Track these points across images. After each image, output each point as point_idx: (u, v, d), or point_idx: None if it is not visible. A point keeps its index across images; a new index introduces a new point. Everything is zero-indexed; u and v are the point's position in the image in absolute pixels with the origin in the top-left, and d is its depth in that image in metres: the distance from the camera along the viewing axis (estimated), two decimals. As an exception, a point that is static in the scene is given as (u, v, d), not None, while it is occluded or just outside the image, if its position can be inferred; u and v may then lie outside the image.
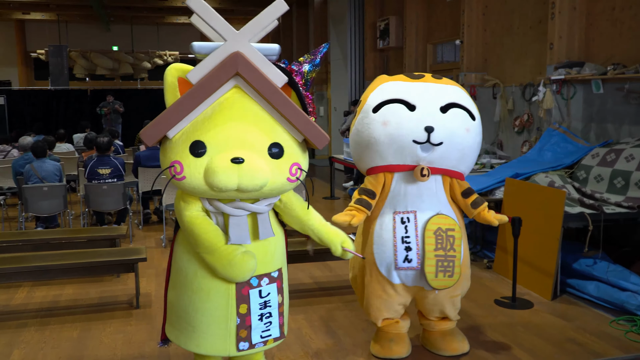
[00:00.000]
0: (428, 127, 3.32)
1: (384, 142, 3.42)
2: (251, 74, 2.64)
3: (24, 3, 17.86)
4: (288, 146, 2.72)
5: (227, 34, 2.64)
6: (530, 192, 5.31)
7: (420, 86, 3.49)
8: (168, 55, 21.19)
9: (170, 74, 2.72)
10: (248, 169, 2.57)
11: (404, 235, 3.43)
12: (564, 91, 6.57)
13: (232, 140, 2.62)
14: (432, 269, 3.39)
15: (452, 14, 9.34)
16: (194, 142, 2.62)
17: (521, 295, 4.98)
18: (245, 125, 2.67)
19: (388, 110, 3.43)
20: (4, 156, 8.78)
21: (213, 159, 2.59)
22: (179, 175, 2.63)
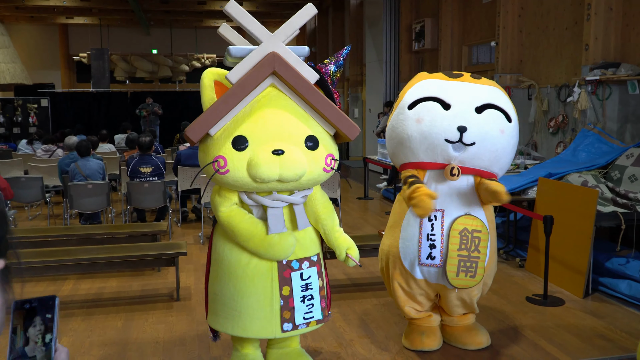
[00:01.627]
0: (461, 126, 3.35)
1: (416, 139, 3.48)
2: (287, 72, 2.84)
3: (67, 8, 18.40)
4: (322, 138, 2.92)
5: (262, 36, 2.85)
6: (563, 191, 5.34)
7: (457, 85, 3.53)
8: (206, 58, 21.55)
9: (207, 77, 2.94)
10: (289, 159, 2.76)
11: (430, 233, 3.50)
12: (599, 92, 6.57)
13: (272, 133, 2.81)
14: (454, 268, 3.45)
15: (488, 15, 9.37)
16: (236, 137, 2.81)
17: (553, 293, 5.02)
18: (283, 119, 2.86)
19: (423, 107, 3.50)
20: (49, 155, 9.12)
21: (255, 152, 2.77)
22: (223, 169, 2.80)
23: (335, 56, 3.06)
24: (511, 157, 3.59)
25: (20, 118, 16.09)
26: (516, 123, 3.57)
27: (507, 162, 3.60)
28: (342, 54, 3.07)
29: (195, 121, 2.84)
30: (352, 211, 8.78)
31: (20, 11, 19.09)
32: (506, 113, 3.48)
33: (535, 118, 7.97)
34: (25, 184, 7.45)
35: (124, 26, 21.77)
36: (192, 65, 21.17)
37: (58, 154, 9.17)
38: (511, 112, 3.52)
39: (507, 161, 3.57)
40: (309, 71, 2.91)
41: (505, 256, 6.10)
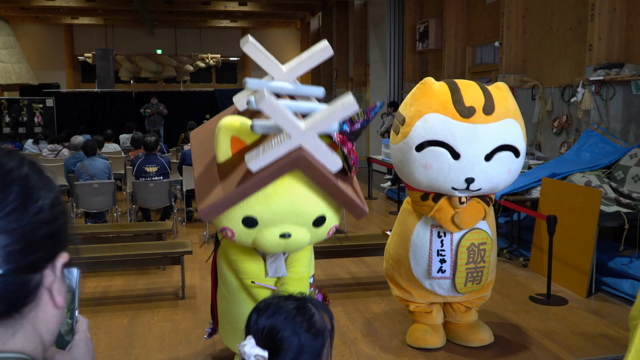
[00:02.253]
0: (469, 179, 3.36)
1: (423, 182, 3.49)
2: (310, 172, 2.70)
3: (72, 8, 18.46)
4: (329, 214, 2.88)
5: (293, 130, 2.61)
6: (566, 191, 5.37)
7: (468, 130, 3.31)
8: (210, 58, 21.59)
9: (223, 133, 2.79)
10: (294, 242, 2.86)
11: (440, 249, 3.63)
12: (603, 92, 6.58)
13: (281, 218, 2.80)
14: (462, 280, 3.64)
15: (492, 16, 9.39)
16: (246, 218, 2.79)
17: (556, 293, 5.05)
18: (294, 198, 2.77)
19: (431, 154, 3.37)
20: (55, 155, 9.18)
21: (263, 233, 2.82)
22: (231, 238, 2.90)
23: (365, 113, 2.88)
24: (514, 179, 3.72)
25: (25, 118, 16.15)
26: (524, 151, 3.50)
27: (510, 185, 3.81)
28: (372, 112, 2.93)
29: (210, 203, 2.72)
30: (356, 211, 8.80)
31: (26, 11, 19.17)
32: (516, 149, 3.42)
33: (539, 118, 7.98)
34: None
35: (128, 26, 21.84)
36: (196, 66, 21.22)
37: (64, 154, 9.22)
38: (521, 145, 3.44)
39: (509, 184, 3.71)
40: (334, 161, 2.71)
41: (509, 256, 6.13)
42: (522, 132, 3.47)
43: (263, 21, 21.95)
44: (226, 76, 23.44)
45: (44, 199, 0.79)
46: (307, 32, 21.34)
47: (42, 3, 17.36)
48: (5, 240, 0.73)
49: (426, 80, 3.55)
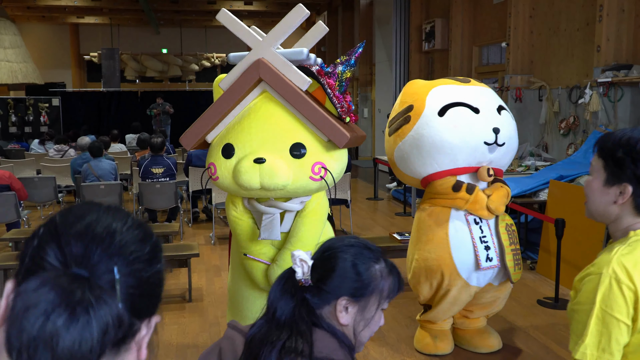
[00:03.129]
0: (496, 128, 3.45)
1: (457, 145, 3.43)
2: (272, 78, 2.85)
3: (78, 8, 18.50)
4: (311, 145, 2.84)
5: (251, 42, 2.89)
6: (574, 194, 5.34)
7: (474, 90, 3.64)
8: (215, 58, 21.61)
9: (216, 82, 3.03)
10: (268, 168, 2.76)
11: (481, 236, 3.53)
12: (611, 93, 6.55)
13: (256, 142, 2.83)
14: (512, 264, 3.57)
15: (498, 16, 9.35)
16: (225, 145, 2.88)
17: (564, 297, 5.02)
18: (269, 127, 2.85)
19: (455, 113, 3.47)
20: (61, 155, 9.19)
21: (239, 160, 2.82)
22: (214, 175, 2.90)
23: (347, 55, 2.99)
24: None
25: (31, 117, 16.20)
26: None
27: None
28: (353, 53, 3.00)
29: (189, 129, 2.93)
30: (361, 212, 8.80)
31: (32, 11, 19.21)
32: (509, 113, 3.68)
33: (546, 119, 7.95)
34: (38, 184, 7.52)
35: (134, 25, 21.87)
36: (201, 65, 21.24)
37: (70, 154, 9.24)
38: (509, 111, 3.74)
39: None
40: (299, 76, 2.86)
41: (516, 258, 6.10)
42: None
43: (269, 20, 21.92)
44: (231, 75, 23.41)
45: (161, 263, 0.92)
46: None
47: (48, 2, 17.40)
48: (132, 282, 0.84)
49: (411, 81, 3.86)
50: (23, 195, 6.55)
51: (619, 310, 1.51)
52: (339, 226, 7.71)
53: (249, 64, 2.87)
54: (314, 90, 2.92)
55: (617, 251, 1.59)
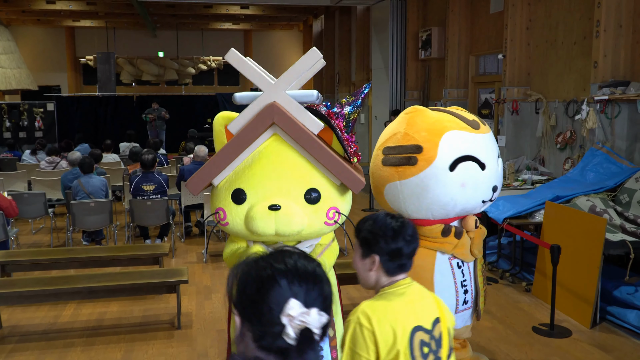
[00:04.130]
0: (495, 186, 3.44)
1: (460, 203, 3.36)
2: (287, 123, 2.75)
3: (73, 12, 18.38)
4: (325, 190, 2.80)
5: (263, 85, 2.76)
6: (570, 218, 5.25)
7: (482, 139, 3.40)
8: (212, 61, 21.48)
9: (217, 122, 2.90)
10: (284, 215, 2.70)
11: (462, 280, 3.52)
12: (608, 110, 6.45)
13: (270, 188, 2.75)
14: (483, 304, 3.67)
15: (496, 26, 9.25)
16: (235, 190, 2.77)
17: (560, 322, 4.94)
18: (283, 172, 2.77)
19: (464, 169, 3.29)
20: (53, 167, 9.08)
21: (252, 207, 2.73)
22: (223, 221, 2.79)
23: (353, 95, 2.93)
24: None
25: (26, 122, 16.08)
26: None
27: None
28: (360, 94, 2.95)
29: (197, 174, 2.80)
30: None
31: (27, 15, 19.08)
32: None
33: (543, 132, 7.86)
34: (28, 200, 7.42)
35: (130, 28, 21.73)
36: (198, 68, 21.11)
37: (62, 166, 9.13)
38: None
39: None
40: (312, 120, 2.81)
41: (512, 279, 6.01)
42: None
43: (265, 24, 21.82)
44: (228, 79, 23.30)
45: None
46: (309, 34, 21.20)
47: (43, 7, 17.27)
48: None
49: (415, 107, 3.52)
50: (12, 213, 6.44)
51: (361, 348, 1.98)
52: (333, 242, 7.61)
53: (261, 107, 2.77)
54: (321, 131, 2.86)
55: (365, 302, 2.08)
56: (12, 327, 5.00)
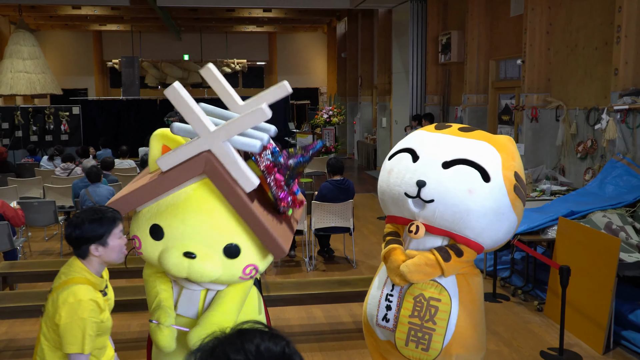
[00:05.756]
0: (419, 181, 3.03)
1: (385, 192, 3.28)
2: (216, 178, 2.58)
3: (99, 16, 18.56)
4: (246, 247, 2.67)
5: (201, 131, 2.55)
6: (583, 236, 5.00)
7: (437, 137, 3.19)
8: (236, 64, 21.51)
9: (156, 139, 2.73)
10: (198, 266, 2.61)
11: (389, 293, 3.19)
12: (629, 120, 6.16)
13: (189, 234, 2.62)
14: (403, 336, 3.07)
15: (515, 30, 8.97)
16: (153, 226, 2.66)
17: (570, 346, 4.69)
18: (206, 220, 2.63)
19: (397, 158, 3.26)
20: (68, 174, 9.09)
21: (167, 250, 2.63)
22: (138, 249, 2.72)
23: (303, 149, 2.76)
24: (490, 221, 3.03)
25: (52, 126, 16.25)
26: (496, 185, 3.00)
27: (483, 227, 3.04)
28: (312, 149, 2.78)
29: (122, 197, 2.68)
30: (370, 235, 8.51)
31: (54, 20, 19.34)
32: (485, 172, 2.99)
33: (563, 141, 7.57)
34: (38, 208, 7.41)
35: (155, 32, 21.88)
36: (222, 71, 21.09)
37: (77, 172, 9.14)
38: (492, 171, 3.00)
39: (481, 225, 3.03)
40: (246, 179, 2.58)
41: (524, 296, 5.76)
42: (497, 165, 3.05)
43: (289, 26, 21.74)
44: (253, 81, 23.31)
45: None
46: (333, 36, 21.05)
47: (69, 12, 17.47)
48: None
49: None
50: (18, 222, 6.42)
51: None
52: (343, 253, 7.45)
53: (196, 152, 2.57)
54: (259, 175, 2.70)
55: None
56: (8, 341, 4.96)
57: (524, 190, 3.17)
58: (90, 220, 2.49)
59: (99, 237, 2.49)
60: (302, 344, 4.80)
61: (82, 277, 2.50)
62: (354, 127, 18.18)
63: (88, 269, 2.53)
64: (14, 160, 12.68)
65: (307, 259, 7.07)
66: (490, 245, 3.18)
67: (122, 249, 2.58)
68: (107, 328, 2.58)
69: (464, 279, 3.15)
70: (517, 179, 3.09)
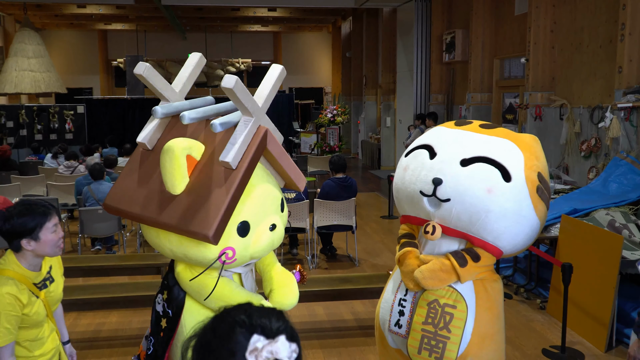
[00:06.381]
0: (436, 178, 2.87)
1: (399, 189, 3.11)
2: (274, 146, 2.71)
3: (105, 15, 18.59)
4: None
5: (254, 108, 2.57)
6: (586, 233, 4.96)
7: (455, 134, 3.03)
8: (241, 63, 21.50)
9: (179, 154, 2.54)
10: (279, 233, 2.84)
11: (402, 298, 3.04)
12: (633, 117, 6.12)
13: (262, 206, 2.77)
14: (416, 343, 2.92)
15: (520, 28, 8.94)
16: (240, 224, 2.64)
17: (572, 344, 4.66)
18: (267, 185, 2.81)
19: (413, 155, 3.10)
20: (71, 172, 9.10)
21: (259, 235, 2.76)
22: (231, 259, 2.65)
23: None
24: (512, 223, 2.83)
25: (57, 125, 16.29)
26: (518, 185, 2.83)
27: (503, 230, 2.84)
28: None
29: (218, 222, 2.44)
30: (373, 233, 8.48)
31: (60, 18, 19.39)
32: (506, 170, 2.82)
33: (567, 140, 7.53)
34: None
35: (160, 31, 21.91)
36: (227, 70, 21.14)
37: (80, 170, 9.15)
38: (514, 171, 2.83)
39: (501, 227, 2.84)
40: (280, 136, 2.78)
41: (527, 295, 5.73)
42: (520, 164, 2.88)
43: (294, 26, 21.74)
44: (258, 80, 23.22)
45: None
46: (338, 36, 21.04)
47: (74, 11, 17.51)
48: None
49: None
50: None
51: None
52: (346, 252, 7.43)
53: (253, 132, 2.58)
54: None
55: None
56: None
57: (548, 193, 2.99)
58: (19, 214, 2.48)
59: (30, 231, 2.48)
60: (303, 342, 4.76)
61: (10, 270, 2.50)
62: (358, 126, 18.16)
63: (20, 262, 2.53)
64: (17, 159, 12.70)
65: (310, 257, 7.06)
66: (510, 250, 2.99)
67: (57, 243, 2.56)
68: (36, 321, 2.54)
69: (482, 285, 2.96)
70: (540, 179, 2.91)
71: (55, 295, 2.71)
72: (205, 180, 2.57)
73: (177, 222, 2.54)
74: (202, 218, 2.47)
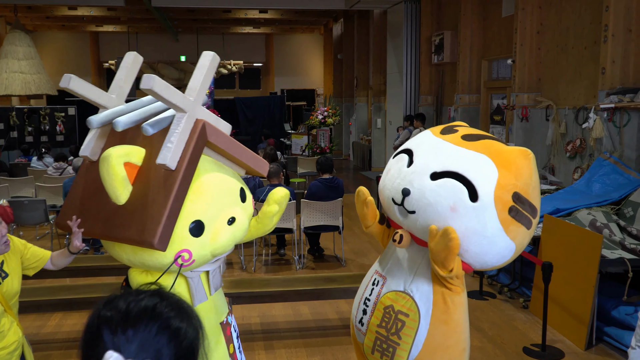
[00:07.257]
0: (404, 189, 2.80)
1: (381, 191, 3.06)
2: (217, 137, 2.63)
3: (96, 17, 18.59)
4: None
5: (185, 104, 2.47)
6: (567, 232, 5.02)
7: (435, 143, 2.91)
8: (233, 65, 21.53)
9: (115, 163, 2.45)
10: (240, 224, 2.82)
11: (367, 297, 3.06)
12: (616, 118, 6.19)
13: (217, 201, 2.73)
14: (370, 343, 2.96)
15: (508, 30, 9.00)
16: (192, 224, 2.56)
17: (553, 342, 4.71)
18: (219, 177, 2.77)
19: (397, 158, 3.04)
20: (60, 173, 9.11)
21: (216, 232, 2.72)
22: (188, 262, 2.57)
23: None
24: (474, 242, 2.68)
25: (48, 127, 16.26)
26: (483, 205, 2.65)
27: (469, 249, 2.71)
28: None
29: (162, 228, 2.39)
30: (361, 233, 8.52)
31: (51, 20, 19.37)
32: (473, 189, 2.65)
33: (553, 140, 7.60)
34: (28, 207, 7.42)
35: (152, 33, 21.92)
36: (218, 72, 21.15)
37: (69, 172, 9.15)
38: (483, 190, 2.65)
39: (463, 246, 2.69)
40: (226, 125, 2.75)
41: (510, 294, 5.79)
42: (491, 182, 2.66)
43: (286, 27, 21.78)
44: (250, 82, 23.36)
45: None
46: (330, 38, 21.09)
47: (65, 12, 17.49)
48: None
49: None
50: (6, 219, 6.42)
51: None
52: (333, 252, 7.47)
53: (190, 128, 2.49)
54: None
55: None
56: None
57: (530, 213, 2.73)
58: None
59: None
60: (287, 340, 4.82)
61: None
62: (350, 128, 18.21)
63: None
64: (8, 161, 12.68)
65: (297, 258, 7.09)
66: (480, 267, 2.87)
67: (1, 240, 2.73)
68: None
69: (442, 297, 2.85)
70: (516, 200, 2.68)
71: (11, 290, 2.81)
72: (147, 185, 2.51)
73: (124, 233, 2.49)
74: (146, 225, 2.41)
